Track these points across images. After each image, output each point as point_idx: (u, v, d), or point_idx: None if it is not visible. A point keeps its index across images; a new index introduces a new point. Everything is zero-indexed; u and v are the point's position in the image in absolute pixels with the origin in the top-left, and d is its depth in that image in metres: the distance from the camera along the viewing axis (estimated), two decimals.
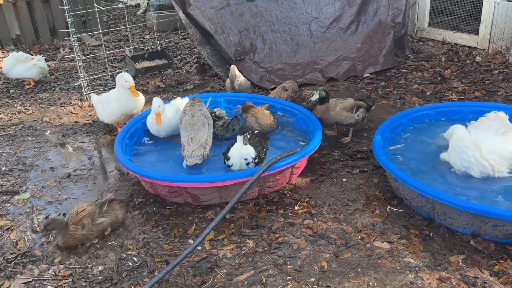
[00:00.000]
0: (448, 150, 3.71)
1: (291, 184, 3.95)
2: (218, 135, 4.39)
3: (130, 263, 3.16)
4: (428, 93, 5.60)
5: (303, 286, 2.88)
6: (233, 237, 3.35)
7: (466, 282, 2.82)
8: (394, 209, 3.56)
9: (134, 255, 3.22)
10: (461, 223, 3.16)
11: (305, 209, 3.60)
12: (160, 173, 3.83)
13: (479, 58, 6.46)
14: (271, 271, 3.01)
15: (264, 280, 2.93)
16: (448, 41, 7.13)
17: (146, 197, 3.88)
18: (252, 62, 6.37)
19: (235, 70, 5.29)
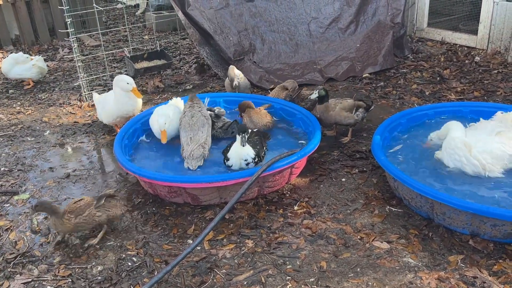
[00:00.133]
0: (442, 149, 3.73)
1: (291, 184, 3.95)
2: (217, 136, 4.40)
3: (130, 263, 3.16)
4: (427, 93, 5.60)
5: (302, 286, 2.88)
6: (232, 237, 3.35)
7: (465, 282, 2.83)
8: (393, 209, 3.56)
9: (134, 255, 3.23)
10: (460, 223, 3.17)
11: (304, 209, 3.60)
12: (160, 173, 3.83)
13: (478, 58, 6.46)
14: (270, 271, 3.01)
15: (263, 280, 2.93)
16: (447, 41, 7.13)
17: (146, 197, 3.88)
18: (251, 62, 6.38)
19: (234, 69, 5.29)
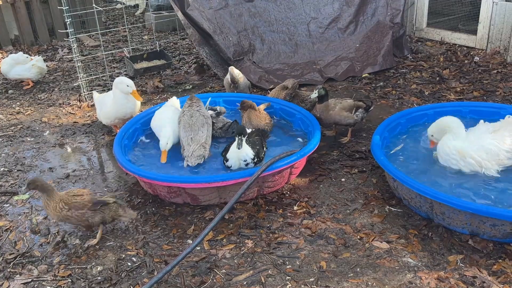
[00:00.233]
0: (438, 152, 3.75)
1: (290, 184, 3.95)
2: (217, 137, 4.40)
3: (129, 264, 3.16)
4: (427, 93, 5.61)
5: (302, 286, 2.89)
6: (232, 237, 3.35)
7: (464, 282, 2.83)
8: (392, 209, 3.56)
9: (133, 256, 3.23)
10: (459, 223, 3.17)
11: (304, 209, 3.60)
12: (159, 173, 3.83)
13: (477, 58, 6.47)
14: (270, 271, 3.01)
15: (263, 280, 2.94)
16: (447, 41, 7.14)
17: (145, 197, 3.88)
18: (251, 62, 6.38)
19: (234, 69, 5.27)
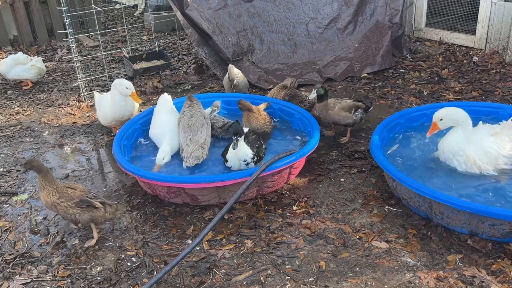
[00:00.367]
0: (441, 148, 3.74)
1: (289, 184, 3.95)
2: (217, 136, 4.40)
3: (129, 264, 3.16)
4: (426, 93, 5.61)
5: (301, 286, 2.89)
6: (231, 237, 3.35)
7: (463, 281, 2.83)
8: (392, 208, 3.57)
9: (133, 256, 3.23)
10: (458, 223, 3.18)
11: (303, 209, 3.61)
12: (159, 173, 3.83)
13: (476, 58, 6.48)
14: (269, 271, 3.01)
15: (262, 280, 2.94)
16: (445, 41, 7.15)
17: (145, 197, 3.88)
18: (250, 62, 6.38)
19: (233, 68, 5.27)
